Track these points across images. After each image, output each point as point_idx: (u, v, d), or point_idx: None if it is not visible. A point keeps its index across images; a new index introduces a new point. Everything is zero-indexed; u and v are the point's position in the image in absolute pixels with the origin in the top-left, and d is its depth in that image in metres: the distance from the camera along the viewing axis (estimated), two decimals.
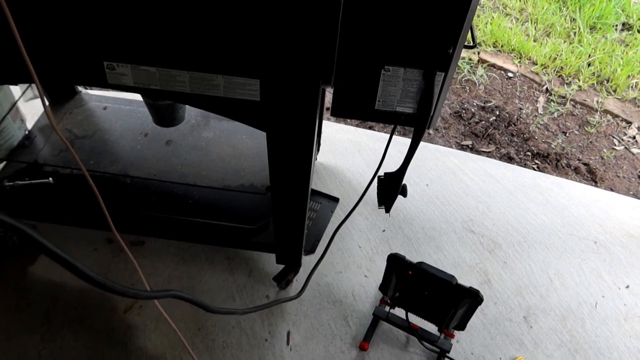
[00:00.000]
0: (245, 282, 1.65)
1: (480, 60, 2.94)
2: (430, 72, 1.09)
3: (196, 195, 1.58)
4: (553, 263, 1.82)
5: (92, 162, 1.65)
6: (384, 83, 1.12)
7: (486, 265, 1.78)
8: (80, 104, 1.86)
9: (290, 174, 1.26)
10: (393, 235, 1.83)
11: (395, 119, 1.19)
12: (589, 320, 1.67)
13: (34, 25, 1.02)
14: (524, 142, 2.48)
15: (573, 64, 2.91)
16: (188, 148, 1.72)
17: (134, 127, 1.78)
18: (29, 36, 0.94)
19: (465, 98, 2.70)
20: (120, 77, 1.11)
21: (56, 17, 1.01)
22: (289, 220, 1.40)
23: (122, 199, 1.56)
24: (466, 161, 2.16)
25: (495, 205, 1.99)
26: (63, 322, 1.53)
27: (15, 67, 1.05)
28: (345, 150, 2.13)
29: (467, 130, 2.52)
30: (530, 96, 2.78)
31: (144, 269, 1.66)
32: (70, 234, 1.71)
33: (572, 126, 2.63)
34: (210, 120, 1.82)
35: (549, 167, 2.38)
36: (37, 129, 1.76)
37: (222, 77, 1.07)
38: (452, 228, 1.88)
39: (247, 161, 1.69)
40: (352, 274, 1.70)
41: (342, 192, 1.95)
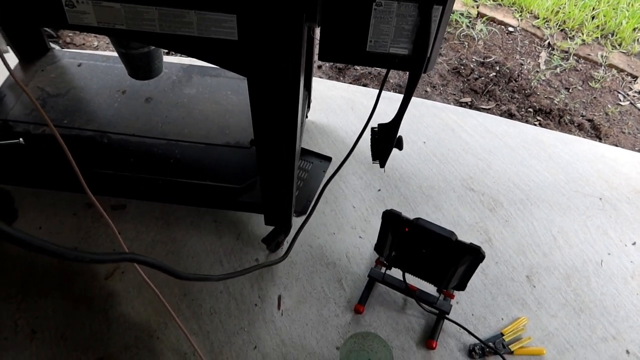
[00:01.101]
0: (234, 246, 1.56)
1: (479, 14, 2.80)
2: (426, 6, 0.98)
3: (178, 154, 1.48)
4: (557, 221, 1.73)
5: (65, 122, 1.54)
6: (376, 20, 1.01)
7: (487, 224, 1.70)
8: (53, 60, 1.74)
9: (275, 124, 1.16)
10: (389, 194, 1.74)
11: (389, 61, 1.08)
12: (595, 279, 1.60)
13: None
14: (525, 98, 2.37)
15: (576, 17, 2.77)
16: (169, 105, 1.61)
17: (111, 84, 1.67)
18: None
19: (464, 54, 2.58)
20: (81, 15, 0.99)
21: None
22: (277, 178, 1.31)
23: (99, 159, 1.46)
24: (465, 117, 2.06)
25: (496, 163, 1.90)
26: (40, 290, 1.45)
27: None
28: (338, 107, 2.02)
29: (466, 87, 2.40)
30: (531, 51, 2.65)
31: (125, 234, 1.58)
32: (48, 198, 1.62)
33: (576, 82, 2.52)
34: (192, 76, 1.71)
35: (552, 124, 2.28)
36: (7, 87, 1.64)
37: (195, 13, 0.96)
38: (451, 187, 1.79)
39: (233, 118, 1.58)
40: (346, 235, 1.62)
41: (335, 151, 1.85)
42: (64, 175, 1.44)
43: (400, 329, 1.43)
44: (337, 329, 1.42)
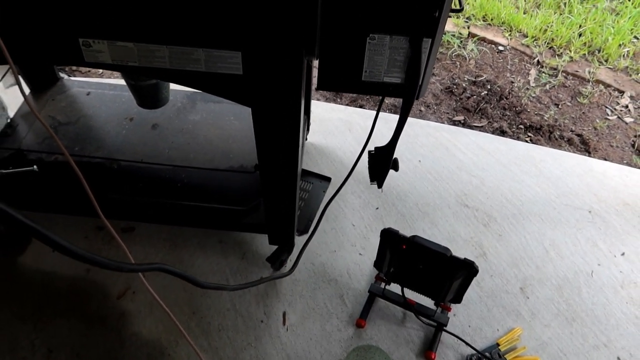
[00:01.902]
0: (239, 265, 1.63)
1: (470, 34, 2.90)
2: (416, 39, 1.06)
3: (185, 178, 1.55)
4: (548, 234, 1.81)
5: (77, 149, 1.61)
6: (370, 52, 1.09)
7: (481, 239, 1.77)
8: (63, 90, 1.82)
9: (278, 150, 1.23)
10: (387, 212, 1.81)
11: (384, 90, 1.16)
12: (586, 289, 1.66)
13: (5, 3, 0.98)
14: (516, 115, 2.46)
15: (564, 34, 2.88)
16: (175, 131, 1.68)
17: (119, 111, 1.74)
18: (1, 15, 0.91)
19: (456, 73, 2.67)
20: (97, 54, 1.07)
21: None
22: (280, 200, 1.38)
23: (109, 184, 1.53)
24: (458, 136, 2.14)
25: (489, 179, 1.97)
26: (55, 311, 1.51)
27: None
28: (336, 129, 2.10)
29: (458, 105, 2.49)
30: (521, 69, 2.75)
31: (135, 256, 1.64)
32: (59, 222, 1.68)
33: (565, 97, 2.61)
34: (196, 102, 1.79)
35: (542, 140, 2.36)
36: (20, 117, 1.72)
37: (203, 51, 1.04)
38: (446, 203, 1.87)
39: (236, 143, 1.66)
40: (346, 253, 1.69)
41: (334, 171, 1.92)
42: (77, 200, 1.51)
43: (400, 341, 1.49)
44: (340, 343, 1.48)
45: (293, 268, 1.55)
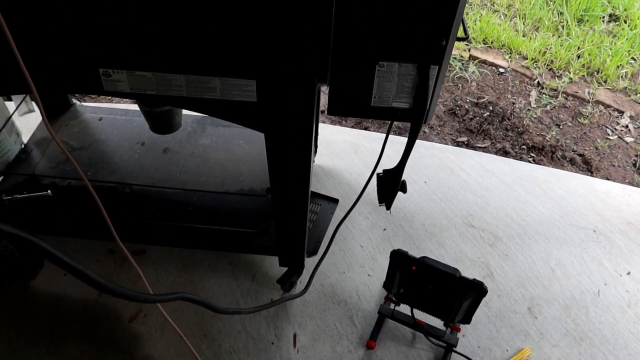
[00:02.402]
0: (249, 287, 1.65)
1: (471, 57, 2.96)
2: (424, 66, 1.10)
3: (196, 202, 1.58)
4: (554, 253, 1.82)
5: (90, 173, 1.64)
6: (379, 79, 1.13)
7: (488, 259, 1.79)
8: (75, 115, 1.86)
9: (289, 174, 1.26)
10: (394, 233, 1.84)
11: (392, 114, 1.20)
12: (593, 308, 1.67)
13: (29, 35, 1.02)
14: (518, 136, 2.50)
15: (563, 56, 2.93)
16: (186, 155, 1.72)
17: (131, 136, 1.78)
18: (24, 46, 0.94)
19: (459, 95, 2.72)
20: (116, 83, 1.11)
21: (51, 25, 1.01)
22: (291, 222, 1.41)
23: (122, 208, 1.56)
24: (462, 157, 2.17)
25: (494, 199, 2.00)
26: (67, 334, 1.52)
27: (10, 78, 1.06)
28: (342, 151, 2.14)
29: (461, 126, 2.53)
30: (522, 90, 2.80)
31: (147, 278, 1.65)
32: (71, 246, 1.70)
33: (566, 118, 2.65)
34: (206, 126, 1.82)
35: (545, 160, 2.39)
36: (33, 143, 1.75)
37: (219, 80, 1.08)
38: (452, 224, 1.89)
39: (246, 166, 1.69)
40: (355, 274, 1.70)
41: (341, 192, 1.95)
42: (90, 224, 1.53)
43: None
44: None
45: (306, 289, 1.57)
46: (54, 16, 1.00)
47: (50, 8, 0.98)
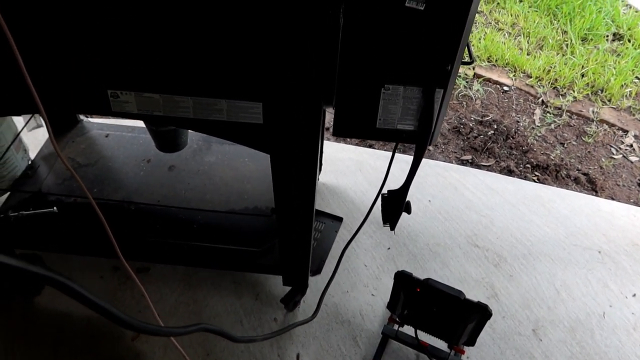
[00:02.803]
0: (253, 306, 1.64)
1: (475, 75, 2.98)
2: (429, 90, 1.10)
3: (201, 220, 1.59)
4: (559, 274, 1.82)
5: (95, 190, 1.65)
6: (384, 102, 1.14)
7: (492, 280, 1.78)
8: (82, 132, 1.88)
9: (295, 195, 1.27)
10: (398, 252, 1.83)
11: (397, 136, 1.20)
12: (598, 331, 1.66)
13: (39, 56, 1.04)
14: (523, 154, 2.50)
15: (567, 75, 2.94)
16: (191, 173, 1.73)
17: (137, 153, 1.79)
18: (34, 67, 0.96)
19: (463, 113, 2.73)
20: (124, 104, 1.12)
21: (60, 48, 1.03)
22: (295, 242, 1.41)
23: (127, 226, 1.56)
24: (467, 176, 2.17)
25: (498, 219, 1.99)
26: (70, 352, 1.52)
27: (20, 98, 1.07)
28: (347, 169, 2.14)
29: (466, 145, 2.53)
30: (526, 109, 2.80)
31: (150, 295, 1.65)
32: (76, 262, 1.70)
33: (570, 137, 2.66)
34: (212, 144, 1.83)
35: (549, 179, 2.39)
36: (40, 159, 1.77)
37: (226, 102, 1.09)
38: (456, 243, 1.89)
39: (250, 184, 1.70)
40: (359, 293, 1.70)
41: (346, 211, 1.95)
42: (94, 241, 1.54)
43: None
44: None
45: (315, 313, 1.55)
46: (64, 39, 1.01)
47: (61, 31, 1.00)
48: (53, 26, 0.99)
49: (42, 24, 0.99)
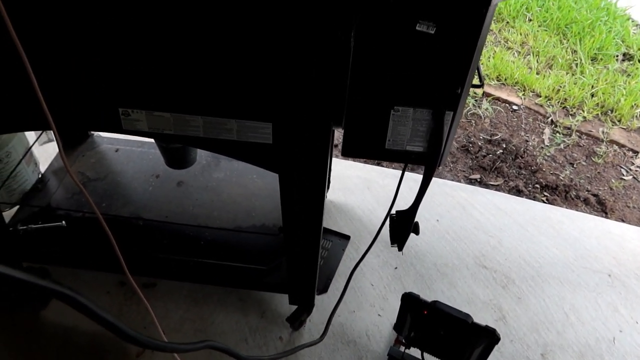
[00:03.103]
0: (258, 324, 1.63)
1: (484, 93, 2.98)
2: (439, 112, 1.10)
3: (208, 237, 1.59)
4: (568, 297, 1.79)
5: (104, 205, 1.66)
6: (394, 123, 1.14)
7: (500, 301, 1.76)
8: (93, 146, 1.89)
9: (302, 214, 1.27)
10: (405, 272, 1.82)
11: (406, 157, 1.20)
12: (608, 357, 1.63)
13: (51, 75, 1.05)
14: (532, 174, 2.49)
15: (576, 95, 2.94)
16: (199, 189, 1.73)
17: (146, 169, 1.80)
18: (47, 86, 0.97)
19: (472, 132, 2.73)
20: (134, 122, 1.13)
21: (73, 67, 1.04)
22: (302, 261, 1.40)
23: (134, 241, 1.57)
24: (475, 195, 2.16)
25: (507, 240, 1.98)
26: None
27: (33, 114, 1.08)
28: (355, 187, 2.14)
29: (474, 164, 2.53)
30: (535, 128, 2.80)
31: (155, 311, 1.64)
32: (83, 277, 1.71)
33: (579, 157, 2.64)
34: (220, 160, 1.84)
35: (559, 199, 2.38)
36: (51, 172, 1.78)
37: (235, 122, 1.09)
38: (464, 264, 1.87)
39: (258, 201, 1.70)
40: (365, 313, 1.68)
41: (353, 229, 1.95)
42: (101, 256, 1.54)
43: None
44: None
45: (323, 335, 1.54)
46: (77, 58, 1.02)
47: (74, 51, 1.01)
48: (66, 46, 1.01)
49: (56, 44, 1.01)
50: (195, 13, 0.93)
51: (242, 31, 0.95)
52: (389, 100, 1.10)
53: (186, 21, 0.95)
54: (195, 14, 0.93)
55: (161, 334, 1.29)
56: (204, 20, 0.94)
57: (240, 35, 0.95)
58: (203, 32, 0.96)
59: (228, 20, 0.93)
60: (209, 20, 0.94)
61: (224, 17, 0.93)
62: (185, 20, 0.95)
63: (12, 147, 1.60)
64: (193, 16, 0.94)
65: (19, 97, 1.08)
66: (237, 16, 0.93)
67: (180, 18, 0.95)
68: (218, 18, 0.93)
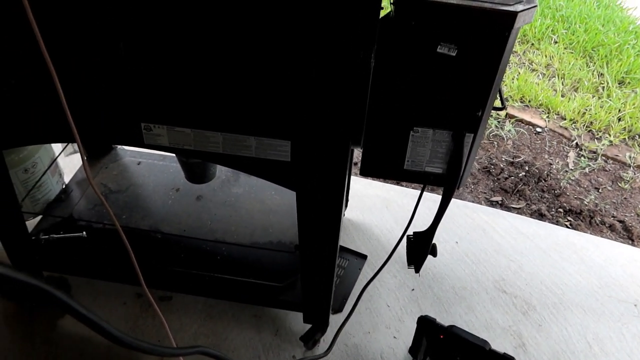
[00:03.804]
0: (272, 342, 1.62)
1: (507, 115, 2.95)
2: (459, 134, 1.10)
3: (225, 252, 1.59)
4: (591, 327, 1.74)
5: (124, 217, 1.68)
6: (413, 144, 1.13)
7: (520, 328, 1.71)
8: (116, 158, 1.92)
9: (319, 233, 1.26)
10: (422, 294, 1.79)
11: (425, 178, 1.19)
12: None
13: (79, 90, 1.07)
14: (555, 198, 2.44)
15: (603, 118, 2.88)
16: (218, 204, 1.74)
17: (166, 182, 1.82)
18: (74, 100, 0.99)
19: (494, 153, 2.69)
20: (156, 137, 1.15)
21: (99, 83, 1.06)
22: (317, 279, 1.39)
23: (152, 254, 1.58)
24: (496, 218, 2.13)
25: (528, 264, 1.93)
26: None
27: (60, 127, 1.11)
28: (373, 206, 2.13)
29: (496, 185, 2.49)
30: (559, 151, 2.75)
31: (170, 325, 1.65)
32: (101, 287, 1.72)
33: (605, 182, 2.58)
34: (240, 176, 1.85)
35: (583, 225, 2.32)
36: (74, 183, 1.81)
37: (255, 139, 1.10)
38: (483, 288, 1.83)
39: (276, 217, 1.70)
40: (380, 335, 1.66)
41: (370, 248, 1.93)
42: (120, 268, 1.55)
43: None
44: None
45: (329, 350, 1.53)
46: (103, 76, 1.05)
47: (100, 69, 1.04)
48: (94, 64, 1.03)
49: (85, 63, 1.03)
50: (220, 34, 0.95)
51: (263, 51, 0.96)
52: (408, 121, 1.10)
53: (210, 41, 0.97)
54: (219, 35, 0.95)
55: (173, 344, 1.29)
56: (227, 41, 0.96)
57: (261, 55, 0.97)
58: (226, 52, 0.97)
59: (251, 42, 0.95)
60: (232, 41, 0.96)
61: (247, 39, 0.95)
62: (209, 41, 0.97)
63: (39, 157, 1.64)
64: (217, 37, 0.95)
65: (48, 111, 1.11)
66: (259, 38, 0.94)
67: (204, 39, 0.96)
68: (241, 40, 0.95)
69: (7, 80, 1.08)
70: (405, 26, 0.95)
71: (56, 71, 0.91)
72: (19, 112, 1.15)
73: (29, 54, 1.00)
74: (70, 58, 1.03)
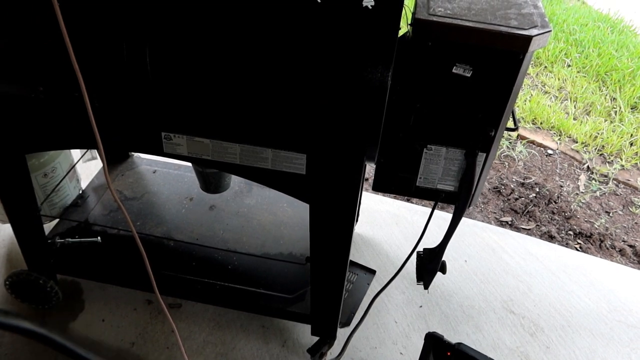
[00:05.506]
0: (279, 353, 1.63)
1: (519, 136, 2.96)
2: (472, 153, 1.12)
3: (236, 262, 1.61)
4: (599, 351, 1.73)
5: (138, 224, 1.71)
6: (426, 161, 1.15)
7: (527, 350, 1.71)
8: (132, 166, 1.96)
9: (330, 246, 1.28)
10: (430, 311, 1.80)
11: (436, 196, 1.21)
12: None
13: (103, 99, 1.11)
14: (565, 220, 2.44)
15: (615, 142, 2.89)
16: (230, 214, 1.77)
17: (181, 191, 1.85)
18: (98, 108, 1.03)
19: (504, 174, 2.70)
20: (175, 146, 1.18)
21: (124, 93, 1.10)
22: (327, 292, 1.41)
23: (164, 261, 1.60)
24: (506, 238, 2.13)
25: (537, 286, 1.93)
26: None
27: (83, 134, 1.14)
28: (384, 222, 2.14)
29: (506, 206, 2.50)
30: (571, 174, 2.75)
31: (180, 332, 1.67)
32: (112, 292, 1.75)
33: (616, 206, 2.58)
34: (253, 187, 1.88)
35: (593, 248, 2.31)
36: (91, 189, 1.85)
37: (271, 151, 1.13)
38: (491, 307, 1.83)
39: (287, 229, 1.72)
40: (387, 351, 1.66)
41: (379, 264, 1.94)
42: (132, 274, 1.58)
43: None
44: None
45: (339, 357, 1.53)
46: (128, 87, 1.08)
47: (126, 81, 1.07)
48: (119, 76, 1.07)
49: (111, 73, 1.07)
50: (241, 50, 0.98)
51: (284, 69, 0.99)
52: (422, 138, 1.12)
53: (231, 56, 1.00)
54: (241, 51, 0.98)
55: (184, 355, 1.30)
56: (249, 57, 0.99)
57: (281, 72, 1.00)
58: (247, 67, 1.01)
59: (272, 60, 0.98)
60: (254, 58, 0.99)
61: (270, 58, 0.98)
62: (229, 55, 1.00)
63: (58, 162, 1.68)
64: (239, 52, 0.99)
65: (73, 118, 1.15)
66: (280, 56, 0.97)
67: (225, 55, 1.00)
68: (263, 57, 0.98)
69: (35, 87, 1.12)
70: (422, 47, 0.98)
71: (84, 80, 0.95)
72: (45, 117, 1.19)
73: (58, 64, 1.04)
74: (97, 68, 1.06)
